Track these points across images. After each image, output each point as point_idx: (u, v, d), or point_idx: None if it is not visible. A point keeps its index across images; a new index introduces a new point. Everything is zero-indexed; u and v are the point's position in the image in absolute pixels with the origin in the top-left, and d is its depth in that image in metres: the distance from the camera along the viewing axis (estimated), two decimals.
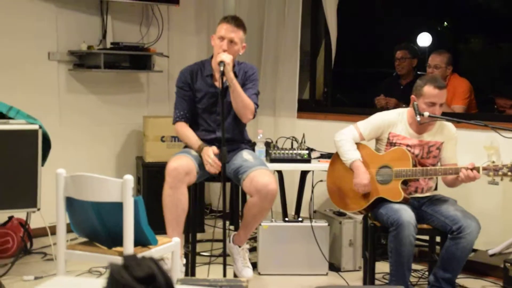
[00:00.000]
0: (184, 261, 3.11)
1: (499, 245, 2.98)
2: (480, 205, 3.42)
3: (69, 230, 2.62)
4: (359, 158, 3.14)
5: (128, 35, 4.61)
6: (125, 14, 4.63)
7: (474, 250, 3.26)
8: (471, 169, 2.90)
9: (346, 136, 3.19)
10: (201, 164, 3.09)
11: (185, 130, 3.18)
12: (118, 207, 2.41)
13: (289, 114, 4.53)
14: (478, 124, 3.07)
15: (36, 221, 3.64)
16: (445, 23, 6.36)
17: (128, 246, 2.43)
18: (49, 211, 3.16)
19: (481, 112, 4.22)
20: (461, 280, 3.23)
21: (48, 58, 4.28)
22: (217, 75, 3.05)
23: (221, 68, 2.92)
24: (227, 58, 2.97)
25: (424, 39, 5.99)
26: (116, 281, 0.95)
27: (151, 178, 4.37)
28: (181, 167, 2.96)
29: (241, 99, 3.07)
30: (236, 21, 3.11)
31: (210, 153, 3.02)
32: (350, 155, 3.15)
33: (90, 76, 4.50)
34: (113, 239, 2.51)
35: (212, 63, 3.16)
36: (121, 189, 2.40)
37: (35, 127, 3.34)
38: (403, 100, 4.12)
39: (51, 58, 4.29)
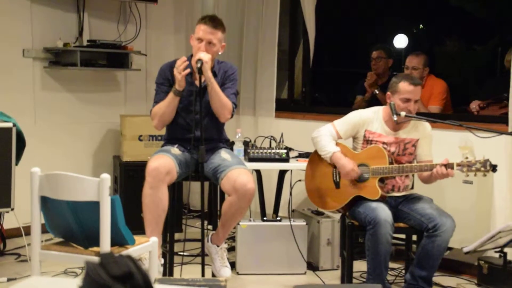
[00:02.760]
0: (162, 261, 3.09)
1: (473, 243, 3.02)
2: (455, 204, 3.47)
3: (44, 231, 2.57)
4: (338, 149, 3.15)
5: (105, 32, 4.56)
6: (102, 11, 4.58)
7: (449, 248, 3.30)
8: (445, 165, 2.94)
9: (323, 132, 3.21)
10: (180, 163, 3.07)
11: (159, 104, 3.11)
12: (94, 206, 2.38)
13: (267, 114, 4.53)
14: (453, 124, 3.11)
15: (9, 221, 3.58)
16: (421, 25, 6.44)
17: (105, 246, 2.40)
18: (23, 211, 3.11)
19: (456, 112, 4.28)
20: (436, 278, 3.27)
21: (22, 55, 4.21)
22: (195, 73, 3.03)
23: (198, 65, 2.90)
24: (206, 56, 2.96)
25: (400, 41, 6.05)
26: (93, 279, 0.94)
27: (128, 178, 4.33)
28: (161, 167, 2.94)
29: (218, 98, 3.05)
30: (214, 22, 3.09)
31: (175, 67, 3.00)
32: (329, 148, 3.16)
33: (66, 74, 4.43)
34: (90, 239, 2.48)
35: (192, 61, 3.14)
36: (98, 188, 2.37)
37: (9, 125, 3.28)
38: (377, 100, 4.17)
39: (26, 55, 4.22)
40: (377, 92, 4.30)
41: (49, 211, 2.52)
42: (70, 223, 2.48)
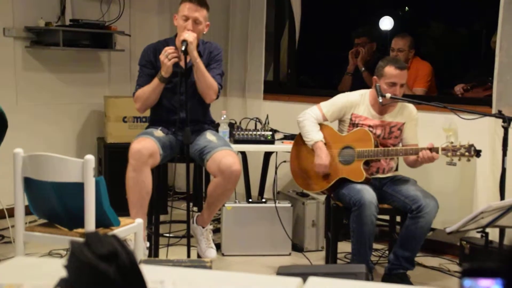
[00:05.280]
0: (148, 244, 3.09)
1: (456, 223, 3.06)
2: (438, 185, 3.51)
3: (28, 212, 2.55)
4: (321, 139, 3.16)
5: (88, 12, 4.49)
6: None
7: (432, 229, 3.34)
8: (430, 149, 2.96)
9: (309, 116, 3.21)
10: (164, 146, 3.05)
11: (143, 88, 3.09)
12: (79, 187, 2.36)
13: (254, 96, 4.51)
14: (437, 106, 3.13)
15: None
16: (407, 7, 6.43)
17: (90, 227, 2.39)
18: (7, 192, 3.08)
19: (440, 95, 4.31)
20: (419, 258, 3.31)
21: (3, 34, 4.13)
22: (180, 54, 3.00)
23: (183, 47, 2.87)
24: (191, 37, 2.93)
25: (385, 23, 6.04)
26: (78, 259, 0.93)
27: (112, 159, 4.30)
28: (144, 149, 2.92)
29: (204, 79, 3.03)
30: (199, 0, 3.06)
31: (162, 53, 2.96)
32: (313, 135, 3.17)
33: (48, 54, 4.36)
34: (74, 221, 2.47)
35: (176, 42, 3.11)
36: (82, 169, 2.35)
37: None
38: (365, 83, 4.18)
39: (7, 34, 4.14)
40: (363, 70, 4.30)
41: (33, 192, 2.50)
42: (54, 205, 2.46)
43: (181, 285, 1.22)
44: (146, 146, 2.95)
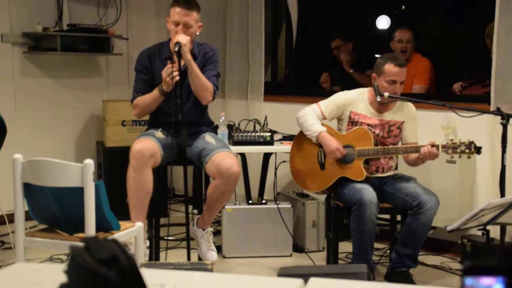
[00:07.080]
0: (148, 243, 3.08)
1: (457, 221, 3.06)
2: (438, 183, 3.50)
3: (28, 218, 2.55)
4: (324, 129, 3.15)
5: (85, 16, 4.49)
6: None
7: (433, 227, 3.34)
8: (431, 145, 2.96)
9: (309, 112, 3.21)
10: (164, 147, 3.06)
11: (143, 97, 3.11)
12: (78, 192, 2.36)
13: (255, 97, 4.50)
14: (436, 104, 3.13)
15: None
16: (403, 6, 6.44)
17: (90, 232, 2.39)
18: (7, 198, 3.07)
19: (439, 93, 4.31)
20: (420, 257, 3.30)
21: (1, 40, 4.14)
22: (174, 57, 3.00)
23: (176, 49, 2.87)
24: (184, 39, 2.93)
25: (382, 22, 6.04)
26: (78, 264, 0.93)
27: (112, 163, 4.30)
28: (146, 149, 2.93)
29: (198, 81, 3.03)
30: (188, 3, 3.05)
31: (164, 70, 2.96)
32: (315, 127, 3.16)
33: (46, 59, 4.36)
34: (74, 225, 2.46)
35: (170, 45, 3.11)
36: (82, 173, 2.35)
37: None
38: (353, 82, 4.22)
39: (5, 40, 4.15)
40: (352, 72, 4.36)
41: (33, 198, 2.50)
42: (54, 210, 2.46)
43: None
44: (147, 146, 2.96)
